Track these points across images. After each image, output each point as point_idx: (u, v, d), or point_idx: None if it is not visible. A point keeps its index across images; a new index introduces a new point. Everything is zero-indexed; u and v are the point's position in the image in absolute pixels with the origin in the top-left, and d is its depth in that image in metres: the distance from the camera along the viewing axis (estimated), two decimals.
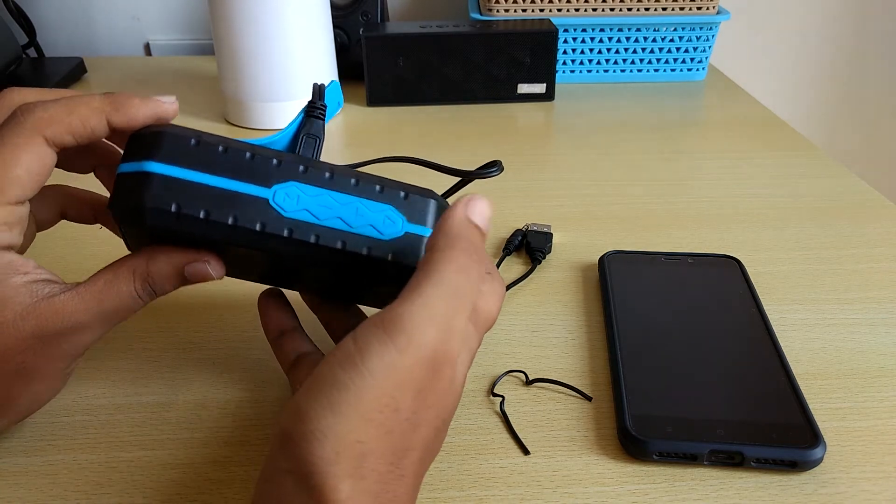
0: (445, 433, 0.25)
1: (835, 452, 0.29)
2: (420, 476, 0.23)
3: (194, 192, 0.25)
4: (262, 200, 0.26)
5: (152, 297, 0.28)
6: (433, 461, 0.26)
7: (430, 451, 0.23)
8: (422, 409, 0.22)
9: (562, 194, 0.51)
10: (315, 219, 0.26)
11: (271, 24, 0.58)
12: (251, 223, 0.26)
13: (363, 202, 0.27)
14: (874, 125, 1.02)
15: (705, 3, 0.71)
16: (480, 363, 0.34)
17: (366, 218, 0.27)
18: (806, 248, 0.44)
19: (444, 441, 0.30)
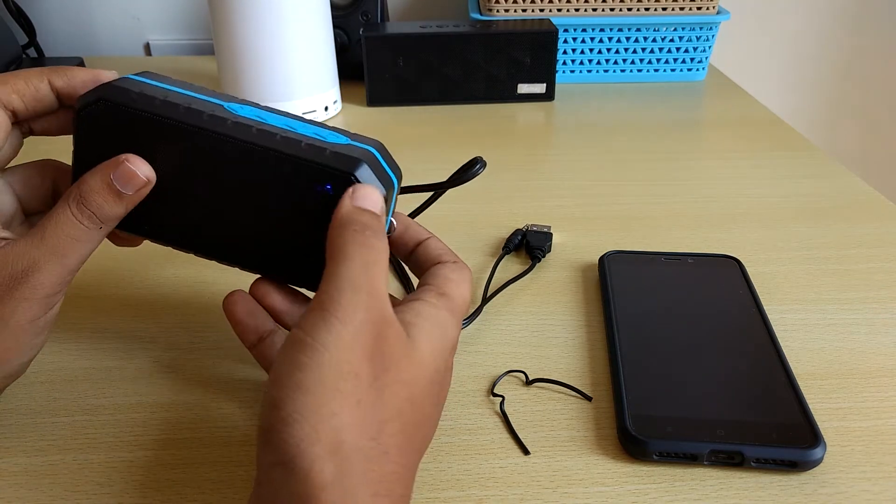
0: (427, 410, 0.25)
1: (835, 452, 0.29)
2: (407, 454, 0.23)
3: (154, 88, 0.28)
4: (217, 104, 0.28)
5: (97, 223, 0.27)
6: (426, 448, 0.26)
7: (410, 426, 0.23)
8: (381, 374, 0.23)
9: (562, 194, 0.51)
10: (261, 119, 0.28)
11: (271, 25, 0.58)
12: (202, 109, 0.27)
13: (309, 125, 0.29)
14: (874, 125, 1.02)
15: (705, 3, 0.71)
16: (481, 363, 0.34)
17: (310, 130, 0.28)
18: (806, 248, 0.44)
19: (443, 441, 0.30)
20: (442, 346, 0.26)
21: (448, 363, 0.27)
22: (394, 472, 0.22)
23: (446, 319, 0.26)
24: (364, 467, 0.21)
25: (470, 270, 0.29)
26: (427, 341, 0.25)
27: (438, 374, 0.25)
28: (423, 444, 0.25)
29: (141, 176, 0.27)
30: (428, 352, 0.25)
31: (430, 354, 0.25)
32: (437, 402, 0.26)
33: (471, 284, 0.29)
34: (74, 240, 0.27)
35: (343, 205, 0.26)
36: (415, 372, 0.24)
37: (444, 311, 0.26)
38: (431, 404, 0.25)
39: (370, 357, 0.23)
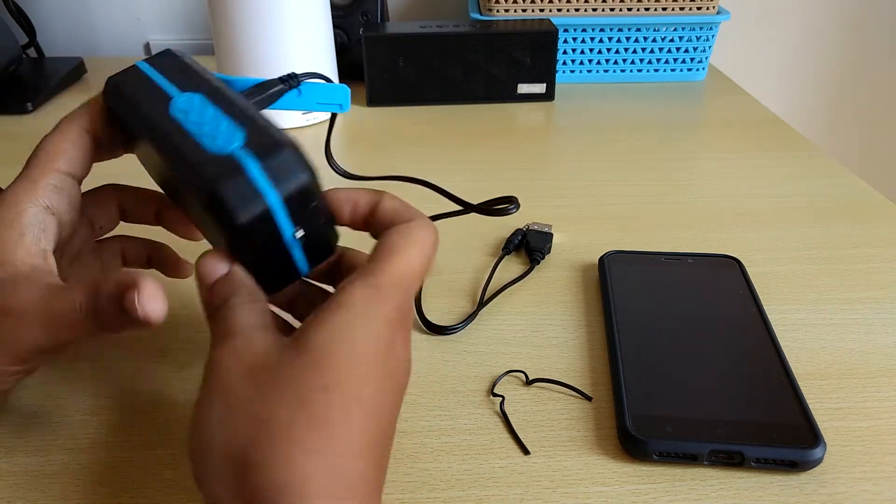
0: (362, 411, 0.22)
1: (835, 452, 0.29)
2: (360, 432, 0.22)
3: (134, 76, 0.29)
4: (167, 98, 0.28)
5: (91, 319, 0.25)
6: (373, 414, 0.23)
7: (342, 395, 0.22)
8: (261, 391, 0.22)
9: (562, 194, 0.51)
10: (183, 116, 0.27)
11: (271, 25, 0.58)
12: (144, 107, 0.28)
13: (229, 119, 0.27)
14: (874, 125, 1.02)
15: (705, 3, 0.71)
16: (481, 363, 0.34)
17: (216, 131, 0.26)
18: (806, 248, 0.44)
19: (443, 441, 0.30)
20: (353, 335, 0.22)
21: (384, 350, 0.23)
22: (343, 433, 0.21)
23: (368, 302, 0.23)
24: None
25: (425, 228, 0.26)
26: (325, 342, 0.22)
27: (367, 365, 0.22)
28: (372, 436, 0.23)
29: (138, 312, 0.24)
30: (328, 351, 0.22)
31: (330, 351, 0.22)
32: (377, 398, 0.22)
33: (419, 245, 0.25)
34: (66, 320, 0.25)
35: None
36: (311, 374, 0.22)
37: (367, 293, 0.23)
38: (369, 401, 0.22)
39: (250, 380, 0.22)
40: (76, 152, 0.29)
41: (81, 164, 0.29)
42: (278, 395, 0.21)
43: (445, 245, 0.44)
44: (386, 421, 0.23)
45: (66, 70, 0.74)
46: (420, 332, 0.37)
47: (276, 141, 0.25)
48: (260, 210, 0.25)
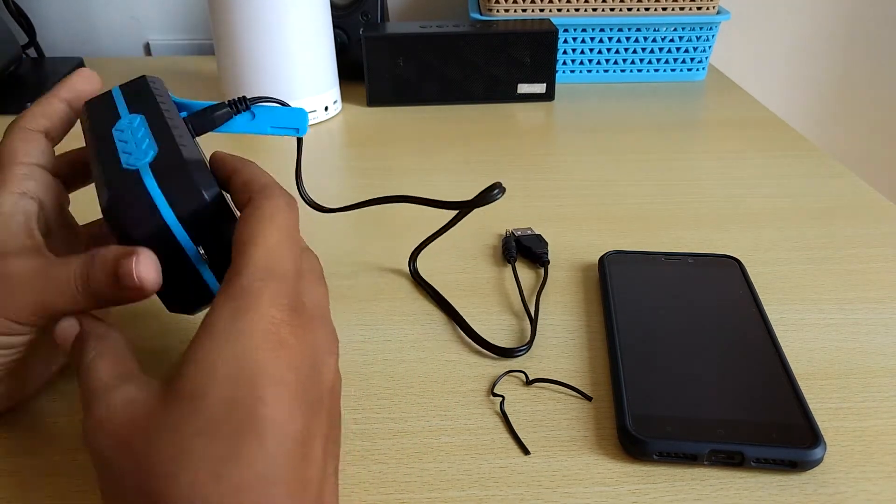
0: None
1: (835, 452, 0.29)
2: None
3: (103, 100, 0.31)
4: (115, 119, 0.29)
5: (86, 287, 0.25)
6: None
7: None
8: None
9: (562, 194, 0.51)
10: (118, 135, 0.28)
11: (271, 25, 0.58)
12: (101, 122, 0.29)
13: (150, 141, 0.27)
14: (874, 125, 1.02)
15: (705, 3, 0.71)
16: (481, 363, 0.34)
17: (136, 149, 0.27)
18: (806, 248, 0.44)
19: (444, 441, 0.30)
20: (222, 364, 0.20)
21: (269, 366, 0.21)
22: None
23: (232, 318, 0.21)
24: None
25: (266, 200, 0.24)
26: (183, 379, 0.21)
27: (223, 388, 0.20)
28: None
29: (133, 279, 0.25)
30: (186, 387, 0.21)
31: (200, 392, 0.20)
32: (272, 422, 0.20)
33: (272, 221, 0.23)
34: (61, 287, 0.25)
35: None
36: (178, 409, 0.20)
37: (226, 309, 0.22)
38: (260, 429, 0.20)
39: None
40: (30, 145, 0.29)
41: (42, 156, 0.30)
42: (157, 456, 0.20)
43: (444, 249, 0.44)
44: (293, 433, 0.21)
45: (66, 70, 0.74)
46: (479, 353, 0.36)
47: (181, 160, 0.26)
48: (154, 226, 0.25)
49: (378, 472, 0.28)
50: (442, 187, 0.52)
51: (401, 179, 0.53)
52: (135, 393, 0.22)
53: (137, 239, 0.25)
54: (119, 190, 0.25)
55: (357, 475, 0.28)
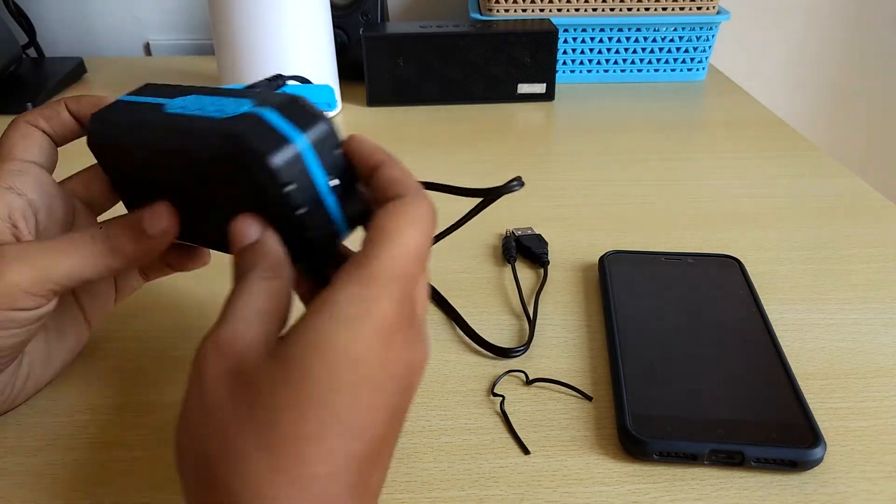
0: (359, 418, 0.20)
1: (835, 452, 0.29)
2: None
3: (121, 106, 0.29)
4: (157, 105, 0.28)
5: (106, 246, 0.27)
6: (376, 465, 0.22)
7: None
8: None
9: (562, 194, 0.51)
10: (182, 110, 0.27)
11: (271, 25, 0.58)
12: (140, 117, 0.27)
13: (229, 98, 0.26)
14: (874, 125, 1.02)
15: (705, 3, 0.71)
16: (481, 363, 0.34)
17: (222, 107, 0.26)
18: (806, 248, 0.44)
19: (444, 441, 0.30)
20: (333, 345, 0.20)
21: (374, 359, 0.21)
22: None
23: (354, 303, 0.21)
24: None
25: (422, 204, 0.23)
26: (304, 346, 0.20)
27: (360, 366, 0.20)
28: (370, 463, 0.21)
29: (165, 222, 0.27)
30: (309, 356, 0.20)
31: (305, 366, 0.20)
32: (360, 415, 0.20)
33: (417, 223, 0.22)
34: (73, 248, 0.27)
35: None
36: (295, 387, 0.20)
37: (351, 291, 0.21)
38: (350, 420, 0.20)
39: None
40: (27, 141, 0.30)
41: (39, 153, 0.30)
42: (249, 411, 0.20)
43: (444, 249, 0.44)
44: (374, 438, 0.21)
45: (66, 70, 0.74)
46: (479, 353, 0.36)
47: (285, 96, 0.25)
48: (291, 154, 0.23)
49: None
50: (460, 203, 0.52)
51: None
52: (263, 338, 0.22)
53: (272, 174, 0.23)
54: (241, 129, 0.23)
55: None
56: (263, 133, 0.23)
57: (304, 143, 0.24)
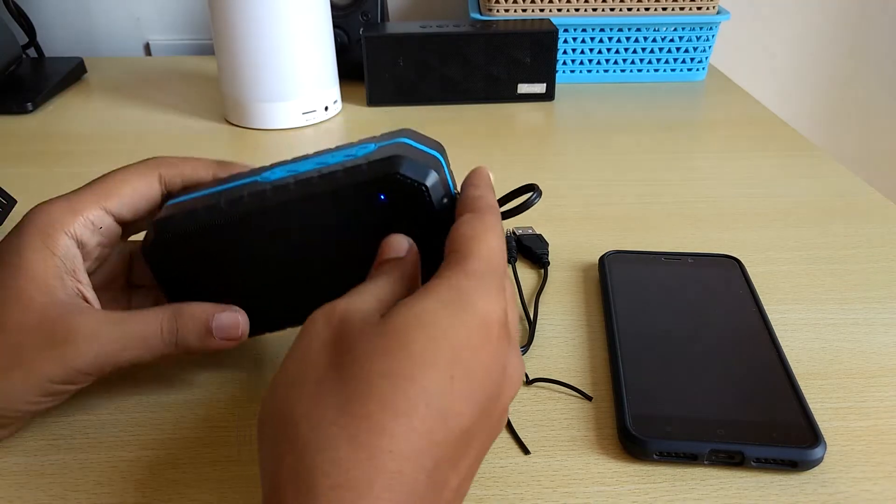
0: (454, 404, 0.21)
1: (835, 452, 0.29)
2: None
3: (193, 201, 0.29)
4: (251, 182, 0.29)
5: (173, 341, 0.28)
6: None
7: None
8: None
9: (562, 194, 0.51)
10: (294, 172, 0.28)
11: (271, 25, 0.58)
12: (240, 193, 0.28)
13: (339, 150, 0.29)
14: (874, 125, 1.02)
15: (705, 3, 0.71)
16: None
17: (340, 155, 0.29)
18: (806, 248, 0.44)
19: None
20: (435, 322, 0.21)
21: (473, 345, 0.21)
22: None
23: (458, 290, 0.22)
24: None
25: (490, 213, 0.26)
26: (418, 329, 0.21)
27: (460, 362, 0.21)
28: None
29: (238, 331, 0.29)
30: (424, 345, 0.21)
31: (405, 337, 0.21)
32: (449, 398, 0.20)
33: (493, 230, 0.25)
34: (142, 340, 0.28)
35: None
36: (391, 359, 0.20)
37: (454, 281, 0.22)
38: (439, 401, 0.20)
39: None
40: (133, 199, 0.30)
41: (132, 211, 0.30)
42: (343, 378, 0.20)
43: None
44: (457, 429, 0.20)
45: (66, 70, 0.74)
46: None
47: (399, 131, 0.30)
48: (440, 165, 0.28)
49: None
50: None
51: None
52: (374, 314, 0.22)
53: (426, 194, 0.27)
54: (395, 161, 0.26)
55: None
56: (416, 154, 0.27)
57: (442, 157, 0.29)
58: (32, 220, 0.28)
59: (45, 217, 0.28)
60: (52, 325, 0.26)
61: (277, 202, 0.27)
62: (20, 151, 0.59)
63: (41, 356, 0.26)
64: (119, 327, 0.27)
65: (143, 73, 0.79)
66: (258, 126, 0.63)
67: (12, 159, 0.57)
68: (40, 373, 0.26)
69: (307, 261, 0.29)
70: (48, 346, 0.26)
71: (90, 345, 0.26)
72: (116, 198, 0.29)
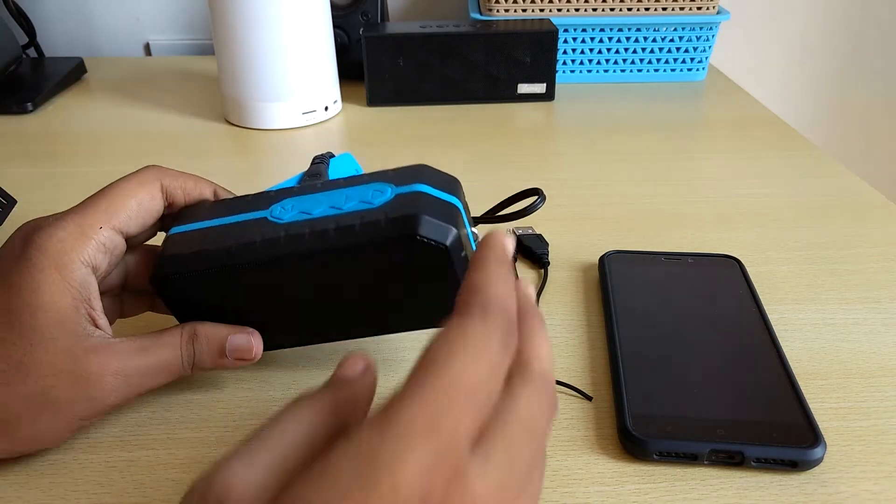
0: None
1: (835, 452, 0.29)
2: None
3: (202, 234, 0.29)
4: (261, 219, 0.28)
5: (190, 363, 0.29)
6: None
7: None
8: None
9: (562, 194, 0.51)
10: (308, 215, 0.28)
11: (271, 25, 0.58)
12: (252, 237, 0.28)
13: (351, 188, 0.29)
14: (874, 125, 1.02)
15: (705, 3, 0.71)
16: None
17: (355, 198, 0.28)
18: (806, 248, 0.44)
19: None
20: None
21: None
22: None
23: (359, 460, 0.15)
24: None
25: (482, 321, 0.18)
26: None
27: None
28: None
29: (252, 352, 0.30)
30: None
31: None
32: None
33: (475, 348, 0.18)
34: (166, 367, 0.28)
35: None
36: None
37: (361, 446, 0.16)
38: None
39: None
40: (139, 213, 0.29)
41: (139, 226, 0.30)
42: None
43: None
44: None
45: (66, 70, 0.74)
46: None
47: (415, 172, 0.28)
48: (460, 216, 0.27)
49: None
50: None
51: None
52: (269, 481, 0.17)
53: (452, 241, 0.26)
54: (419, 211, 0.26)
55: None
56: (436, 207, 0.27)
57: (461, 205, 0.28)
58: (43, 247, 0.26)
59: (57, 245, 0.27)
60: (78, 364, 0.26)
61: (292, 252, 0.27)
62: (20, 151, 0.59)
63: (69, 398, 0.26)
64: (143, 358, 0.28)
65: (143, 73, 0.79)
66: (258, 126, 0.63)
67: (12, 159, 0.57)
68: (70, 413, 0.26)
69: (318, 297, 0.29)
70: (76, 387, 0.26)
71: (117, 380, 0.27)
72: (124, 214, 0.29)
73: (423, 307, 0.29)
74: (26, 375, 0.25)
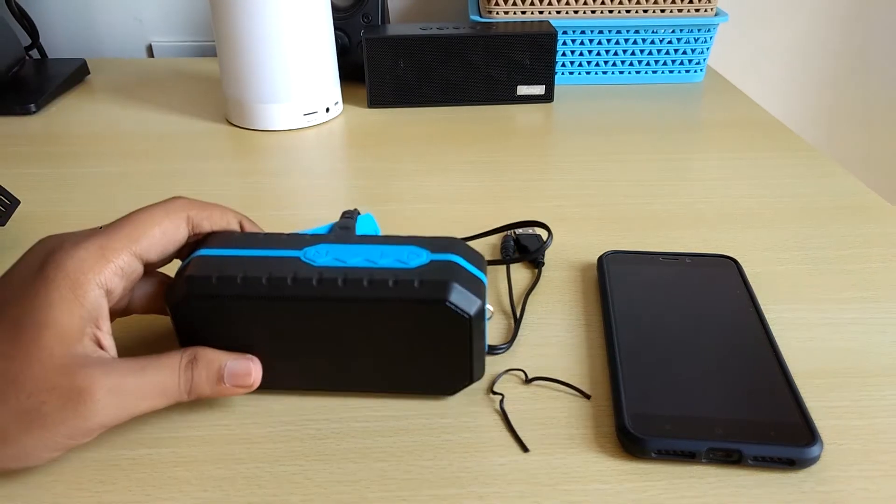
0: None
1: (832, 451, 0.29)
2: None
3: (232, 261, 0.29)
4: (294, 258, 0.29)
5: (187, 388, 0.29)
6: None
7: None
8: None
9: (561, 195, 0.51)
10: (342, 263, 0.29)
11: (273, 26, 0.59)
12: (284, 273, 0.28)
13: (387, 246, 0.30)
14: (873, 126, 1.02)
15: (703, 5, 0.71)
16: None
17: (390, 256, 0.29)
18: (804, 248, 0.44)
19: (444, 439, 0.30)
20: None
21: None
22: None
23: None
24: None
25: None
26: None
27: None
28: None
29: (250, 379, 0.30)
30: None
31: None
32: None
33: None
34: (161, 391, 0.28)
35: None
36: None
37: None
38: None
39: None
40: (162, 242, 0.29)
41: (160, 254, 0.30)
42: None
43: None
44: None
45: (69, 71, 0.74)
46: None
47: (449, 244, 0.30)
48: (483, 291, 0.29)
49: (379, 469, 0.29)
50: (442, 188, 0.52)
51: (401, 180, 0.54)
52: None
53: (476, 314, 0.28)
54: (448, 279, 0.28)
55: (358, 472, 0.28)
56: (466, 279, 0.29)
57: (485, 280, 0.30)
58: (62, 266, 0.27)
59: (77, 264, 0.27)
60: (72, 379, 0.26)
61: (323, 295, 0.28)
62: (23, 152, 0.59)
63: (61, 415, 0.26)
64: (139, 377, 0.27)
65: (145, 74, 0.79)
66: (260, 127, 0.63)
67: (15, 160, 0.58)
68: (60, 430, 0.26)
69: (335, 345, 0.30)
70: (68, 405, 0.26)
71: (110, 397, 0.26)
72: (146, 241, 0.29)
73: (431, 372, 0.30)
74: (20, 391, 0.25)
